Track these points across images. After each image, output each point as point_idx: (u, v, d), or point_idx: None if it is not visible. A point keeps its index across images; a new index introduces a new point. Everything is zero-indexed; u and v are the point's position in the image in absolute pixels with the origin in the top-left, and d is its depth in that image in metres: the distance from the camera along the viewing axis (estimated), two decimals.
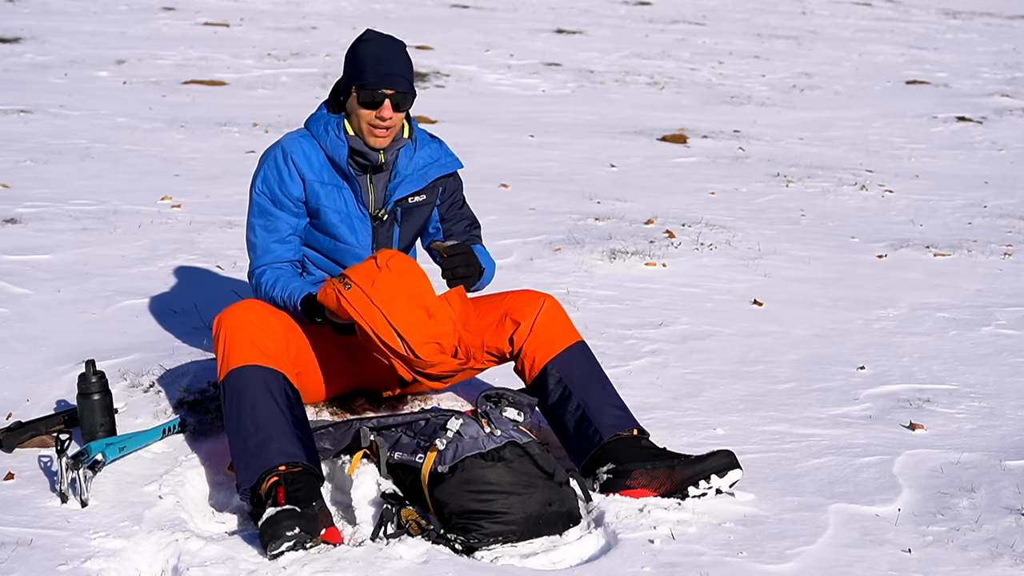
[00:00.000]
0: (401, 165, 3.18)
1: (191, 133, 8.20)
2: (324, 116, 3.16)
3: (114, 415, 3.14)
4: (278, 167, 3.14)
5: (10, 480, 2.92)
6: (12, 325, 4.04)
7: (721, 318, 4.53)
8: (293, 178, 3.13)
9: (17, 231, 5.24)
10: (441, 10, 18.60)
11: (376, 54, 3.03)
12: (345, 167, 3.12)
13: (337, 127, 3.12)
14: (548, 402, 3.10)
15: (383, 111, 3.03)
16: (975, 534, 2.79)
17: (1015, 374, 4.01)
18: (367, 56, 3.03)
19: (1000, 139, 10.14)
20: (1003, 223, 6.68)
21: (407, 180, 3.19)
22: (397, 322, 2.79)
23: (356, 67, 3.04)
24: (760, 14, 21.89)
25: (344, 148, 3.11)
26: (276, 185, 3.13)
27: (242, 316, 2.92)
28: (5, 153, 7.03)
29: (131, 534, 2.68)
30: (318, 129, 3.15)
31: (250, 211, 3.19)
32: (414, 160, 3.21)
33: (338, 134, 3.11)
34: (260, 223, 3.16)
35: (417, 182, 3.20)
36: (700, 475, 2.89)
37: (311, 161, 3.13)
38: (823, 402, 3.68)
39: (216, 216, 5.71)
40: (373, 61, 3.02)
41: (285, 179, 3.13)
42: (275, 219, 3.14)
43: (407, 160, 3.19)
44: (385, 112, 3.03)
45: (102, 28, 13.75)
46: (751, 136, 9.53)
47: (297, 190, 3.13)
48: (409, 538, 2.67)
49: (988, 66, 15.76)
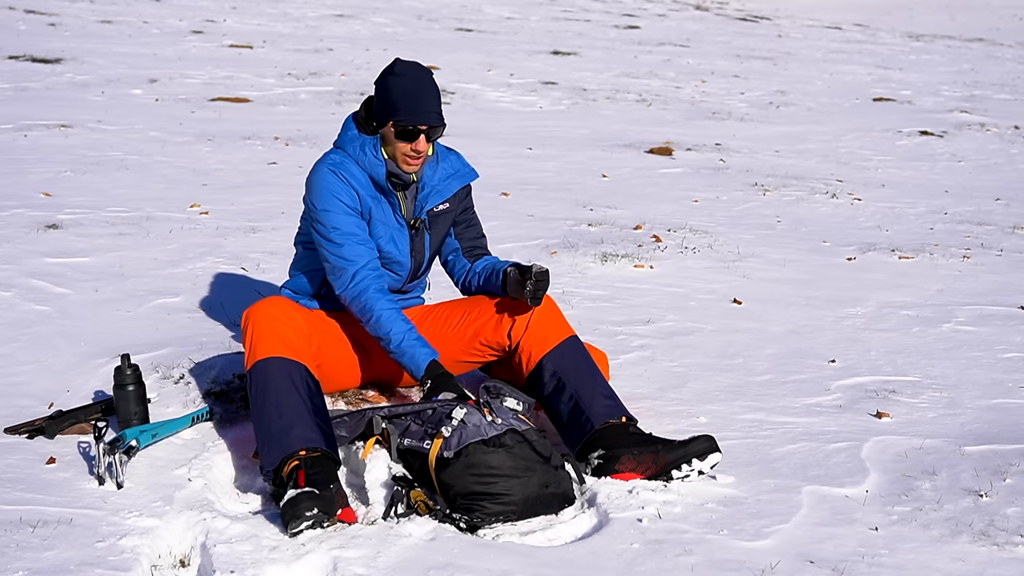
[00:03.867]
0: (427, 177, 3.16)
1: (218, 146, 8.19)
2: (358, 138, 3.08)
3: (147, 404, 3.14)
4: (333, 181, 3.04)
5: (52, 464, 2.92)
6: (54, 322, 4.04)
7: (704, 316, 4.52)
8: (348, 188, 3.05)
9: (58, 236, 5.23)
10: (447, 33, 18.59)
11: (409, 90, 2.97)
12: (385, 184, 3.08)
13: (374, 148, 3.05)
14: (544, 393, 3.10)
15: (418, 144, 3.00)
16: (936, 513, 2.78)
17: (973, 367, 4.01)
18: (401, 92, 2.96)
19: (959, 152, 10.13)
20: (962, 228, 6.67)
21: (434, 191, 3.18)
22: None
23: (391, 102, 2.97)
24: (739, 37, 21.89)
25: (383, 167, 3.06)
26: (336, 196, 3.03)
27: (268, 312, 2.92)
28: (47, 164, 7.02)
29: (163, 514, 2.68)
30: (355, 150, 3.08)
31: (318, 233, 3.05)
32: (438, 172, 3.19)
33: (376, 154, 3.05)
34: (335, 230, 3.03)
35: (443, 193, 3.20)
36: (683, 459, 2.89)
37: (358, 177, 3.07)
38: (797, 392, 3.68)
39: (241, 222, 5.71)
40: (408, 97, 2.96)
41: (342, 190, 3.04)
42: (347, 224, 3.04)
43: (431, 172, 3.18)
44: (420, 146, 3.00)
45: (136, 50, 13.74)
46: (731, 149, 9.52)
47: (353, 199, 3.06)
48: (417, 517, 2.67)
49: (948, 84, 15.76)
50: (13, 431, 3.10)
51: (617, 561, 2.53)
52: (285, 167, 7.40)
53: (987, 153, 10.17)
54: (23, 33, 14.43)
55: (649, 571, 2.48)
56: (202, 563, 2.56)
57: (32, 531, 2.54)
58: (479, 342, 3.17)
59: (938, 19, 30.55)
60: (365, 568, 2.45)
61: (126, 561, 2.47)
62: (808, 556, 2.57)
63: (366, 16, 20.03)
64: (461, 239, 3.31)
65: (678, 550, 2.56)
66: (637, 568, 2.49)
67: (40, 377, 3.53)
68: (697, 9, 28.65)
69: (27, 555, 2.45)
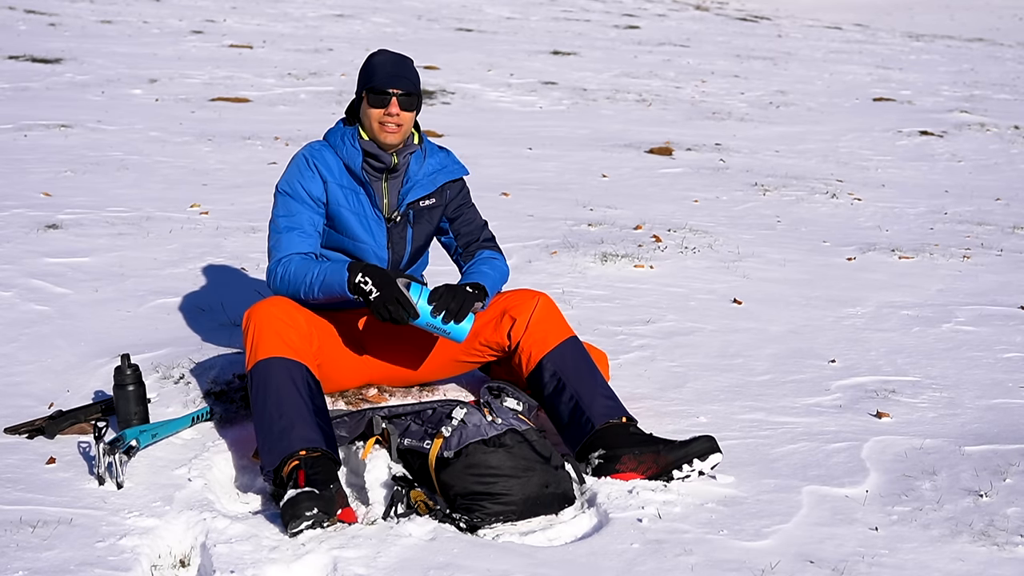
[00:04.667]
0: (412, 171, 3.19)
1: (218, 146, 8.19)
2: (340, 128, 3.19)
3: (147, 404, 3.14)
4: (302, 168, 3.15)
5: (52, 464, 2.92)
6: (54, 322, 4.04)
7: (704, 316, 4.52)
8: (315, 178, 3.13)
9: (58, 236, 5.23)
10: (447, 33, 18.60)
11: (384, 62, 3.08)
12: (359, 172, 3.12)
13: (352, 137, 3.14)
14: (544, 394, 3.10)
15: (391, 108, 3.04)
16: (936, 513, 2.78)
17: (973, 367, 4.01)
18: (376, 64, 3.08)
19: (959, 151, 10.13)
20: (962, 228, 6.67)
21: (418, 185, 3.19)
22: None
23: (367, 75, 3.09)
24: (739, 37, 21.89)
25: (359, 156, 3.12)
26: (299, 183, 3.13)
27: (269, 312, 2.92)
28: (47, 164, 7.02)
29: (163, 514, 2.68)
30: (335, 139, 3.17)
31: (274, 209, 3.17)
32: (424, 167, 3.22)
33: (353, 143, 3.13)
34: (283, 217, 3.13)
35: (427, 187, 3.21)
36: (683, 459, 2.88)
37: (331, 166, 3.14)
38: (797, 392, 3.68)
39: (241, 222, 5.71)
40: (381, 68, 3.06)
41: (307, 178, 3.13)
42: (297, 214, 3.12)
43: (418, 166, 3.20)
44: (393, 109, 3.04)
45: (136, 50, 13.74)
46: (731, 149, 9.52)
47: (318, 189, 3.13)
48: (417, 517, 2.67)
49: (948, 84, 15.76)
50: (13, 431, 3.10)
51: (617, 561, 2.52)
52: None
53: (987, 153, 10.17)
54: (23, 33, 14.44)
55: (649, 571, 2.48)
56: (202, 563, 2.56)
57: (32, 531, 2.54)
58: (479, 342, 3.17)
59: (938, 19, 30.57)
60: (365, 568, 2.45)
61: (126, 561, 2.47)
62: (808, 556, 2.57)
63: (366, 16, 20.04)
64: (458, 238, 3.32)
65: (678, 550, 2.56)
66: (637, 568, 2.49)
67: (40, 377, 3.53)
68: (697, 9, 28.67)
69: (27, 555, 2.45)
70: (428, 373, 3.29)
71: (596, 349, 3.49)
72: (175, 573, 2.58)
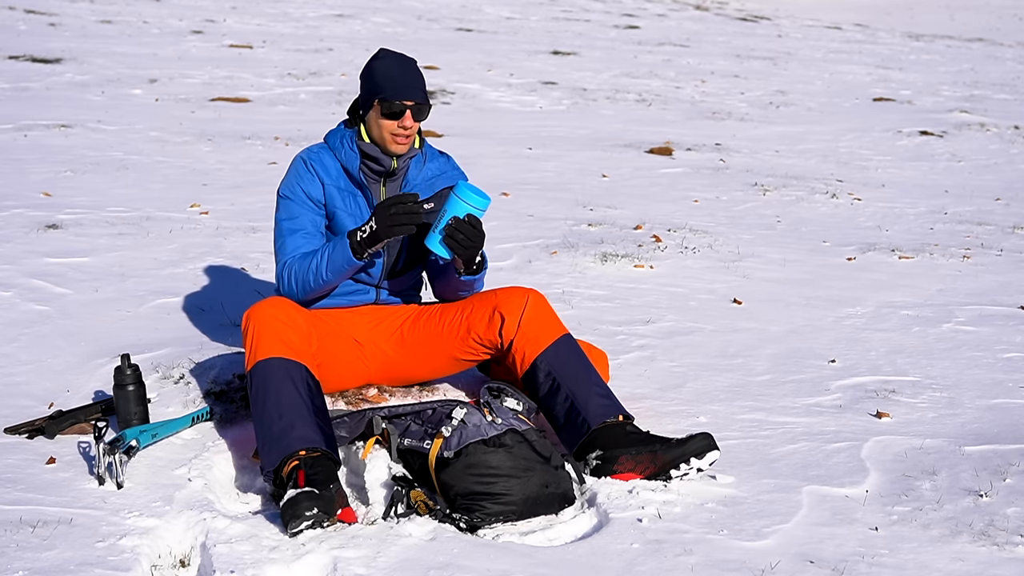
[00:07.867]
0: (412, 175, 3.19)
1: (218, 146, 8.19)
2: (341, 131, 3.18)
3: (147, 404, 3.14)
4: (300, 171, 3.16)
5: (52, 464, 2.92)
6: (54, 322, 4.04)
7: (703, 316, 4.52)
8: (313, 180, 3.14)
9: (59, 236, 5.23)
10: (447, 33, 18.60)
11: (393, 69, 3.05)
12: (357, 175, 3.13)
13: (351, 140, 3.14)
14: (539, 394, 3.08)
15: (404, 121, 3.03)
16: (936, 513, 2.79)
17: (973, 367, 4.01)
18: (385, 72, 3.04)
19: (959, 151, 10.13)
20: (962, 228, 6.67)
21: (416, 189, 3.19)
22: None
23: (375, 82, 3.05)
24: (739, 37, 21.90)
25: (357, 159, 3.12)
26: (299, 186, 3.14)
27: (269, 312, 2.92)
28: (47, 164, 7.02)
29: (163, 514, 2.68)
30: (335, 142, 3.17)
31: (276, 213, 3.18)
32: (423, 171, 3.22)
33: (351, 146, 3.13)
34: (286, 220, 3.14)
35: (425, 191, 3.21)
36: (681, 458, 2.88)
37: (329, 169, 3.15)
38: (797, 392, 3.68)
39: (241, 222, 5.71)
40: (391, 76, 3.03)
41: (306, 181, 3.14)
42: (299, 216, 3.13)
43: (417, 171, 3.20)
44: (407, 122, 3.04)
45: (136, 50, 13.74)
46: (731, 149, 9.52)
47: (317, 191, 3.14)
48: (418, 517, 2.67)
49: (948, 84, 15.76)
50: (13, 431, 3.10)
51: (617, 561, 2.53)
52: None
53: (987, 153, 10.16)
54: (23, 33, 14.43)
55: (649, 571, 2.48)
56: (202, 563, 2.56)
57: (32, 531, 2.54)
58: (472, 339, 3.15)
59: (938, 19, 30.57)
60: (365, 568, 2.45)
61: (126, 561, 2.47)
62: (808, 556, 2.57)
63: (366, 16, 20.04)
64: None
65: (678, 550, 2.56)
66: (637, 568, 2.49)
67: (40, 377, 3.53)
68: (697, 9, 28.67)
69: (27, 555, 2.45)
70: (427, 372, 3.29)
71: (596, 349, 3.49)
72: (175, 573, 2.58)
